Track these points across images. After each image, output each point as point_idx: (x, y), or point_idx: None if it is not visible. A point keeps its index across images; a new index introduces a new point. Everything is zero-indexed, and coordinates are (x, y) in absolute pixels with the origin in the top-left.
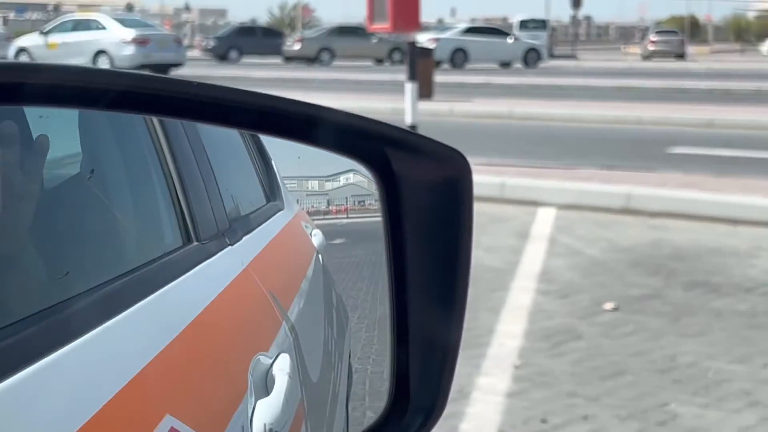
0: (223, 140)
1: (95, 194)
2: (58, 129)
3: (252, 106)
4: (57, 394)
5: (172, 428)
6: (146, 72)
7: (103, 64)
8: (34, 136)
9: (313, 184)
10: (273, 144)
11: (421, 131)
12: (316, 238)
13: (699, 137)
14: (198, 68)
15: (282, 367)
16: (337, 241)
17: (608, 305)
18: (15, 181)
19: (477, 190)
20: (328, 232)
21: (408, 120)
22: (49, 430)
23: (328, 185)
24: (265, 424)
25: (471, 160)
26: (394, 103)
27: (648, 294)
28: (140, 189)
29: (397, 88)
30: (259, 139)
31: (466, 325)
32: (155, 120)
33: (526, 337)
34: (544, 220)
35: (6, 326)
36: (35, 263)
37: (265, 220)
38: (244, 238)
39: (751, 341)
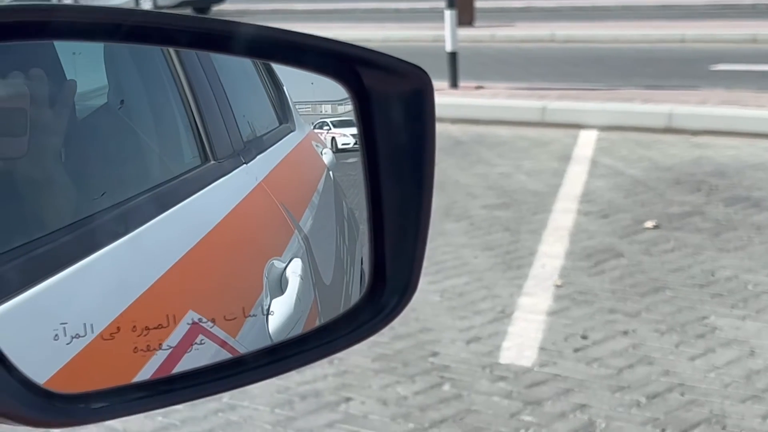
0: (237, 69)
1: (123, 121)
2: (87, 65)
3: (243, 35)
4: (91, 291)
5: (194, 321)
6: (170, 11)
7: (146, 4)
8: (67, 74)
9: (326, 108)
10: (286, 70)
11: (462, 58)
12: (327, 156)
13: (742, 54)
14: (239, 3)
15: (295, 270)
16: (350, 160)
17: (649, 223)
18: (45, 118)
19: (518, 115)
20: (341, 153)
21: (448, 47)
22: (85, 320)
23: (341, 109)
24: (279, 320)
25: (512, 85)
26: (435, 31)
27: (688, 211)
28: (161, 115)
29: (438, 15)
30: (271, 67)
31: (508, 248)
32: (172, 52)
33: (567, 257)
34: (586, 142)
35: (41, 237)
36: (67, 185)
37: (278, 141)
38: (258, 157)
39: None
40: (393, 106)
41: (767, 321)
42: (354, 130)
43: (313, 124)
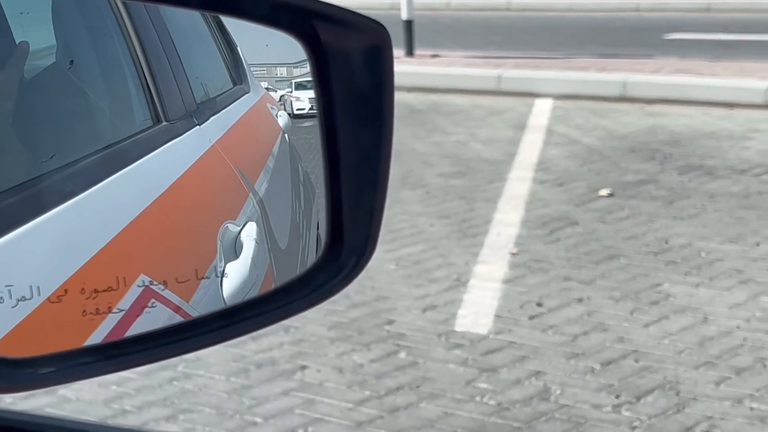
0: (190, 28)
1: (72, 81)
2: (35, 25)
3: None
4: (38, 254)
5: (146, 284)
6: None
7: None
8: (15, 34)
9: (282, 70)
10: (240, 32)
11: (417, 26)
12: (282, 119)
13: (696, 22)
14: None
15: (249, 234)
16: (306, 123)
17: (604, 191)
18: None
19: (474, 84)
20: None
21: (404, 15)
22: (31, 282)
23: (297, 71)
24: (233, 284)
25: (468, 54)
26: None
27: (643, 179)
28: (112, 75)
29: None
30: (224, 26)
31: (464, 216)
32: (122, 9)
33: (522, 225)
34: (541, 110)
35: None
36: (15, 146)
37: (231, 102)
38: (211, 119)
39: (743, 221)
40: (350, 63)
41: (720, 288)
42: (310, 94)
43: (268, 86)
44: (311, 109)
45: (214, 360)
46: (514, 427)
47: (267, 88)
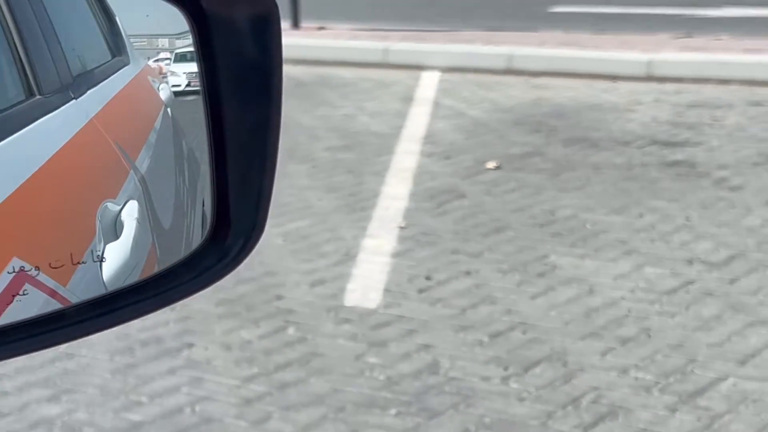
0: None
1: None
2: None
3: None
4: None
5: (19, 269)
6: None
7: None
8: None
9: (163, 42)
10: (119, 1)
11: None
12: (164, 92)
13: None
14: None
15: (131, 213)
16: (190, 97)
17: (490, 164)
18: None
19: (361, 56)
20: (181, 90)
21: None
22: None
23: (179, 43)
24: (114, 267)
25: (354, 26)
26: None
27: (529, 152)
28: None
29: None
30: None
31: (352, 190)
32: None
33: (410, 198)
34: (428, 83)
35: None
36: None
37: (110, 75)
38: (89, 92)
39: (627, 193)
40: (235, 34)
41: (605, 259)
42: (188, 68)
43: (149, 58)
44: (188, 85)
45: (97, 339)
46: (404, 401)
47: (156, 58)
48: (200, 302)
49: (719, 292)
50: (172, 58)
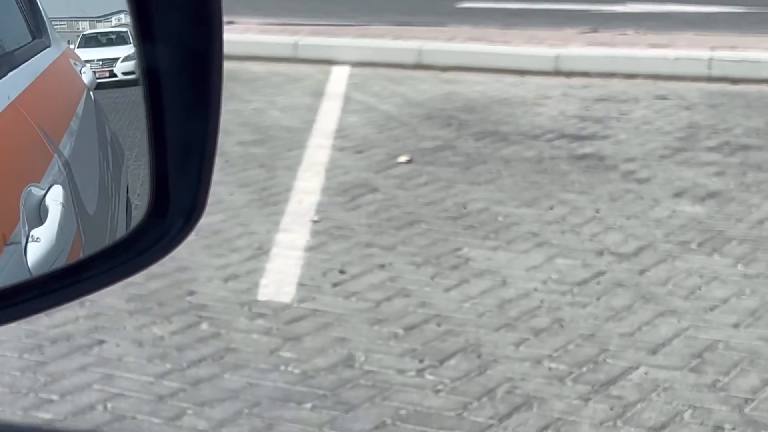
0: None
1: None
2: None
3: None
4: None
5: None
6: None
7: None
8: None
9: (84, 25)
10: None
11: None
12: (86, 75)
13: None
14: None
15: (55, 198)
16: (112, 78)
17: (402, 158)
18: None
19: (271, 51)
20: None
21: None
22: None
23: (99, 26)
24: (39, 252)
25: (264, 21)
26: None
27: (440, 145)
28: None
29: None
30: None
31: (264, 184)
32: None
33: (323, 192)
34: (339, 78)
35: None
36: None
37: (31, 57)
38: (9, 74)
39: (537, 185)
40: (175, 7)
41: (517, 251)
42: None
43: (69, 41)
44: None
45: (4, 337)
46: (319, 395)
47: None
48: (111, 298)
49: (629, 283)
50: (77, 43)
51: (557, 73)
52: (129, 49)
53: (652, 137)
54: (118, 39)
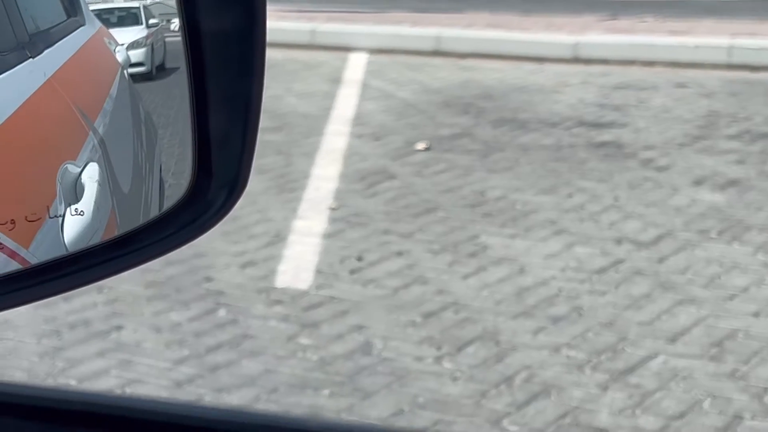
0: None
1: None
2: None
3: None
4: None
5: None
6: None
7: None
8: None
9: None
10: None
11: None
12: (120, 54)
13: None
14: None
15: (91, 176)
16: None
17: (420, 145)
18: None
19: (288, 37)
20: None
21: None
22: None
23: (133, 2)
24: (76, 229)
25: (281, 8)
26: None
27: (458, 133)
28: None
29: None
30: None
31: (281, 171)
32: None
33: (341, 179)
34: (356, 65)
35: None
36: None
37: (66, 35)
38: (46, 51)
39: (556, 173)
40: None
41: (535, 239)
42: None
43: (103, 19)
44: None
45: (23, 322)
46: (337, 381)
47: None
48: (128, 284)
49: (648, 271)
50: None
51: (576, 60)
52: (138, 32)
53: (672, 125)
54: (129, 18)
